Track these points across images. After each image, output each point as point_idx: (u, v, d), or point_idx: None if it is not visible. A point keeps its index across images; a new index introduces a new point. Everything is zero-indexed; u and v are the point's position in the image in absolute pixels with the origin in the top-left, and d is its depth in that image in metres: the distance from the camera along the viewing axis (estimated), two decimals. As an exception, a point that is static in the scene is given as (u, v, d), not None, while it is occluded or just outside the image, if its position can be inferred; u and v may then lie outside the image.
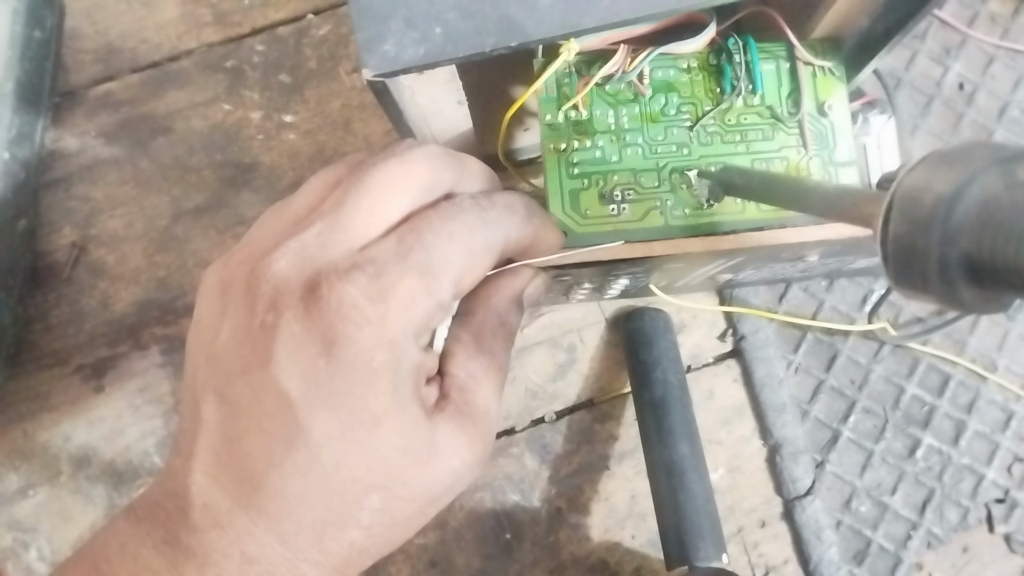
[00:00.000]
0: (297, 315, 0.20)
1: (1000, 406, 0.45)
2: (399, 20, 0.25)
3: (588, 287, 0.38)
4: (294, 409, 0.20)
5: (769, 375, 0.44)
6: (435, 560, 0.43)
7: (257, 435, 0.21)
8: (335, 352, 0.20)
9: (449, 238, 0.22)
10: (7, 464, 0.44)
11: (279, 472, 0.20)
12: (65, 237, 0.46)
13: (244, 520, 0.21)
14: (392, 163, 0.23)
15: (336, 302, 0.20)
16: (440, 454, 0.22)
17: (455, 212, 0.23)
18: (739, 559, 0.43)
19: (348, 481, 0.21)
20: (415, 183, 0.23)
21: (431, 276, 0.21)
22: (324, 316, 0.20)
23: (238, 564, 0.21)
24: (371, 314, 0.20)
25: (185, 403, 0.22)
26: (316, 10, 0.48)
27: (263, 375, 0.20)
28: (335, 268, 0.21)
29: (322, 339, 0.20)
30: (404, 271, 0.21)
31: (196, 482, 0.21)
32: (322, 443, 0.20)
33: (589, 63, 0.32)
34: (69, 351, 0.45)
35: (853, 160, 0.33)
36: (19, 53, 0.43)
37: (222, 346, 0.21)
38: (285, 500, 0.20)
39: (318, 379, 0.20)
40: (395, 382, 0.21)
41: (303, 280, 0.21)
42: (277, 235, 0.22)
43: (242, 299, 0.21)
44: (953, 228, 0.16)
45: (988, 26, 0.48)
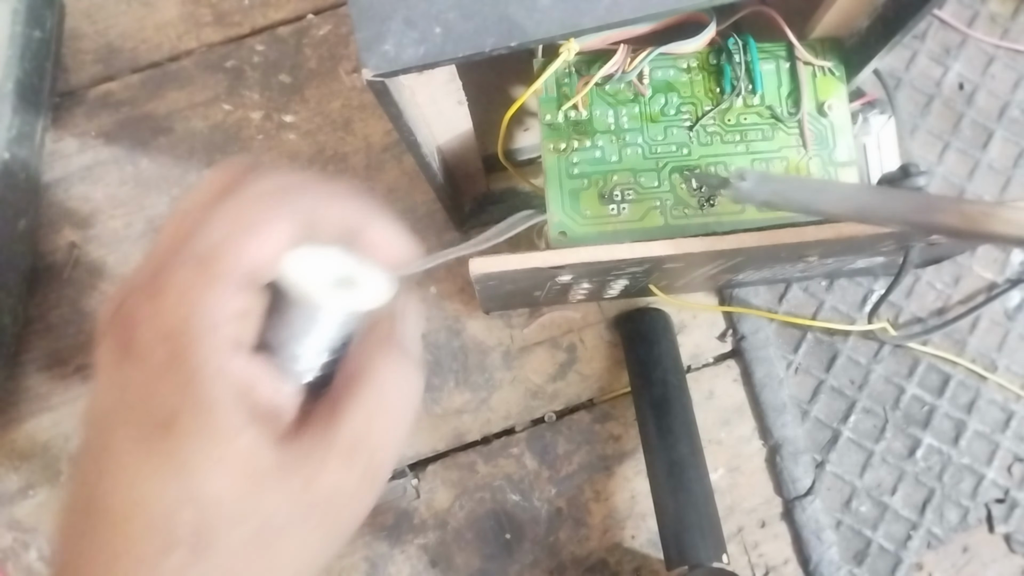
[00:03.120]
0: (104, 331, 0.21)
1: (1000, 406, 0.45)
2: (399, 20, 0.25)
3: (588, 287, 0.38)
4: (102, 422, 0.20)
5: (769, 375, 0.44)
6: (435, 560, 0.43)
7: (87, 460, 0.20)
8: (125, 355, 0.20)
9: (219, 217, 0.21)
10: (7, 464, 0.44)
11: (97, 493, 0.20)
12: (65, 237, 0.46)
13: (81, 558, 0.20)
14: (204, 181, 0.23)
15: (124, 308, 0.20)
16: (270, 474, 0.20)
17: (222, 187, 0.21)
18: (739, 559, 0.43)
19: (153, 495, 0.19)
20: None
21: (206, 263, 0.20)
22: (117, 325, 0.20)
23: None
24: (146, 312, 0.20)
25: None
26: (316, 10, 0.48)
27: (91, 400, 0.21)
28: (133, 286, 0.21)
29: (116, 348, 0.20)
30: (177, 266, 0.20)
31: (59, 529, 0.21)
32: (125, 451, 0.19)
33: (589, 63, 0.32)
34: (69, 351, 0.45)
35: (853, 160, 0.33)
36: (19, 53, 0.43)
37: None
38: (112, 522, 0.19)
39: (117, 386, 0.20)
40: (188, 381, 0.19)
41: (115, 306, 0.21)
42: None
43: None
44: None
45: (988, 26, 0.48)
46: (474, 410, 0.44)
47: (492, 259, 0.29)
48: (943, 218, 0.24)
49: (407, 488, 0.44)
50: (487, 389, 0.45)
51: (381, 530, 0.43)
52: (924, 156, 0.47)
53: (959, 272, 0.46)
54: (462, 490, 0.44)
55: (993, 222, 0.23)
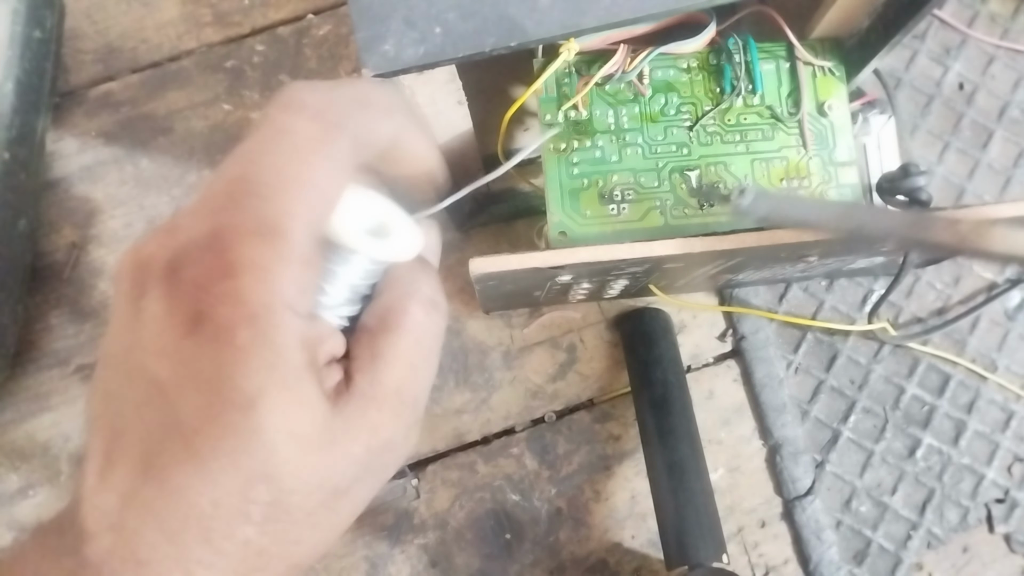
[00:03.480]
0: (159, 295, 0.19)
1: (1000, 406, 0.45)
2: (399, 20, 0.25)
3: (588, 287, 0.38)
4: (165, 393, 0.19)
5: (769, 375, 0.44)
6: (435, 560, 0.43)
7: (136, 425, 0.19)
8: (198, 332, 0.19)
9: (280, 179, 0.20)
10: (7, 464, 0.44)
11: (158, 462, 0.19)
12: (65, 237, 0.46)
13: (134, 519, 0.19)
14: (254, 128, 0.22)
15: (192, 282, 0.19)
16: (338, 441, 0.20)
17: (280, 132, 0.20)
18: (739, 559, 0.43)
19: (228, 470, 0.19)
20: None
21: (277, 236, 0.19)
22: (184, 297, 0.19)
23: (134, 567, 0.19)
24: (224, 291, 0.19)
25: (85, 403, 0.21)
26: (316, 10, 0.48)
27: (133, 360, 0.19)
28: (194, 245, 0.19)
29: (184, 320, 0.19)
30: (247, 240, 0.19)
31: (88, 484, 0.20)
32: (195, 428, 0.19)
33: (589, 63, 0.32)
34: (69, 351, 0.45)
35: (853, 160, 0.33)
36: (19, 53, 0.43)
37: (107, 338, 0.21)
38: (168, 493, 0.19)
39: (184, 360, 0.19)
40: (270, 359, 0.19)
41: (166, 260, 0.20)
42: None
43: (122, 283, 0.20)
44: None
45: (988, 26, 0.48)
46: (474, 410, 0.44)
47: (492, 259, 0.29)
48: (937, 236, 0.25)
49: (407, 488, 0.44)
50: (487, 389, 0.45)
51: (381, 530, 0.43)
52: (924, 156, 0.47)
53: (959, 272, 0.46)
54: (462, 490, 0.44)
55: (986, 240, 0.24)
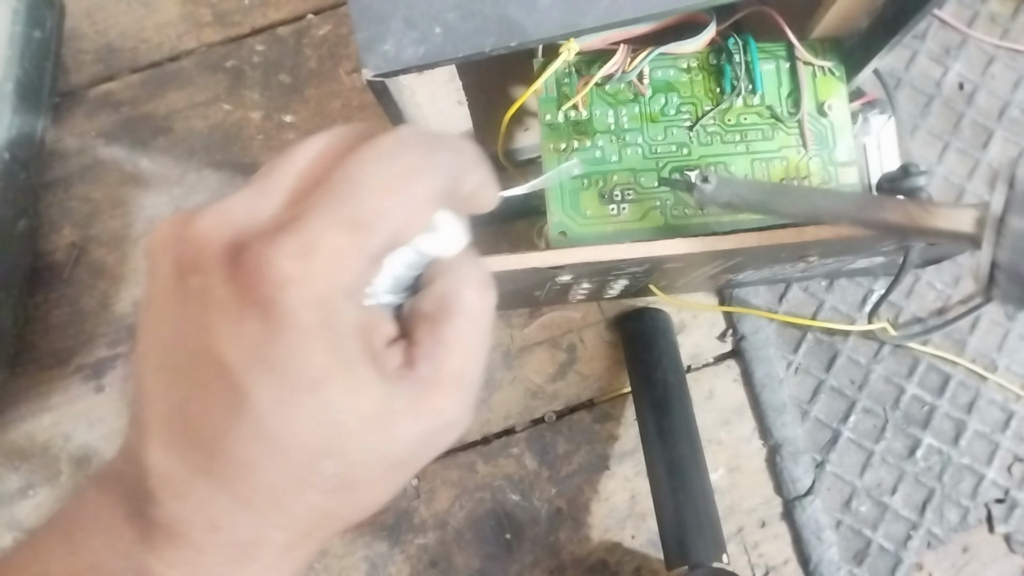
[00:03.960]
0: (222, 279, 0.20)
1: (1000, 406, 0.45)
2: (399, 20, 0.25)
3: (588, 287, 0.38)
4: (232, 375, 0.20)
5: (769, 375, 0.44)
6: (435, 560, 0.43)
7: (201, 402, 0.20)
8: (263, 315, 0.19)
9: (386, 188, 0.20)
10: (7, 464, 0.44)
11: (227, 439, 0.20)
12: (65, 237, 0.46)
13: (204, 487, 0.20)
14: (323, 133, 0.22)
15: (256, 264, 0.19)
16: (400, 420, 0.21)
17: (394, 152, 0.21)
18: (739, 559, 0.43)
19: (297, 446, 0.20)
20: (346, 144, 0.22)
21: (362, 231, 0.20)
22: (250, 280, 0.19)
23: (205, 532, 0.20)
24: (295, 274, 0.19)
25: (132, 376, 0.22)
26: (316, 10, 0.48)
27: (197, 342, 0.20)
28: (258, 229, 0.20)
29: (249, 302, 0.19)
30: (329, 225, 0.20)
31: (151, 453, 0.20)
32: (264, 408, 0.20)
33: (589, 63, 0.32)
34: (69, 351, 0.45)
35: (853, 160, 0.33)
36: (19, 53, 0.43)
37: (154, 313, 0.21)
38: (239, 466, 0.20)
39: (250, 343, 0.19)
40: (333, 342, 0.20)
41: (225, 242, 0.20)
42: (207, 204, 0.22)
43: (169, 264, 0.21)
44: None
45: (988, 26, 0.48)
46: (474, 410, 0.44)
47: (492, 259, 0.29)
48: (888, 216, 0.26)
49: (407, 488, 0.44)
50: (487, 389, 0.45)
51: (381, 530, 0.43)
52: (924, 156, 0.47)
53: (959, 272, 0.46)
54: (462, 490, 0.44)
55: (932, 218, 0.25)
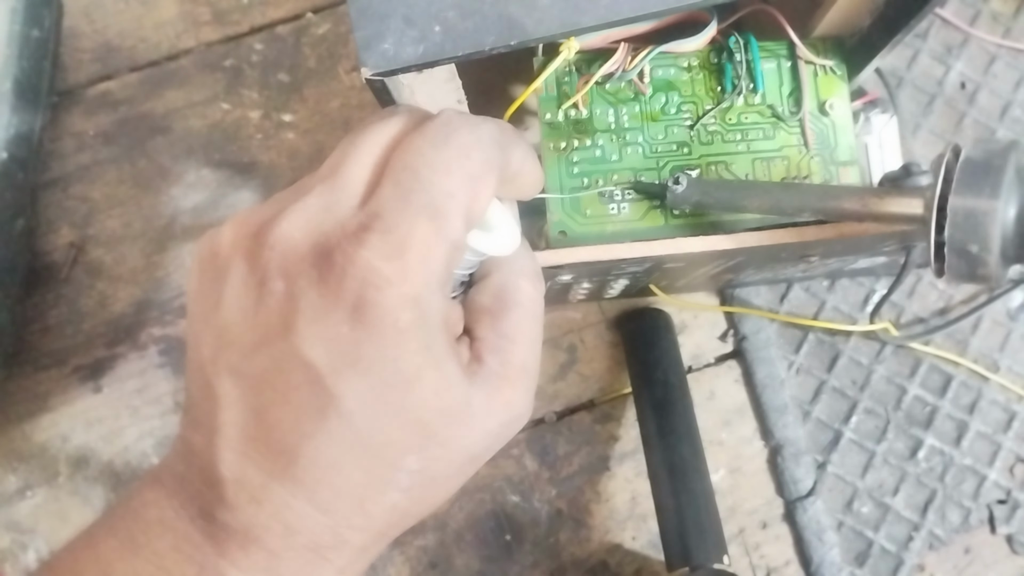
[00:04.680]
0: (312, 282, 0.20)
1: (1002, 407, 0.44)
2: (398, 18, 0.25)
3: (588, 287, 0.38)
4: (321, 378, 0.19)
5: (770, 375, 0.44)
6: (435, 561, 0.43)
7: (283, 407, 0.20)
8: (358, 317, 0.19)
9: (446, 168, 0.20)
10: (5, 465, 0.44)
11: (312, 442, 0.20)
12: (63, 237, 0.46)
13: (281, 492, 0.20)
14: (386, 119, 0.22)
15: (353, 267, 0.19)
16: (476, 415, 0.21)
17: (445, 135, 0.21)
18: (740, 560, 0.43)
19: (383, 445, 0.20)
20: (407, 129, 0.22)
21: (440, 217, 0.20)
22: (342, 282, 0.19)
23: (281, 536, 0.20)
24: (391, 274, 0.19)
25: (193, 380, 0.22)
26: (315, 8, 0.48)
27: (283, 346, 0.20)
28: (343, 230, 0.20)
29: (343, 305, 0.19)
30: (413, 219, 0.20)
31: (224, 459, 0.20)
32: (354, 410, 0.20)
33: (589, 61, 0.32)
34: (67, 351, 0.45)
35: (854, 159, 0.33)
36: (17, 52, 0.43)
37: (227, 318, 0.21)
38: (321, 469, 0.20)
39: (343, 346, 0.19)
40: (426, 340, 0.20)
41: (312, 244, 0.20)
42: (278, 202, 0.21)
43: (245, 268, 0.20)
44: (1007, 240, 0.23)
45: (990, 25, 0.48)
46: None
47: (492, 259, 0.29)
48: (846, 204, 0.27)
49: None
50: (487, 389, 0.44)
51: (380, 531, 0.43)
52: (926, 155, 0.47)
53: (961, 272, 0.46)
54: (462, 491, 0.43)
55: (885, 204, 0.26)
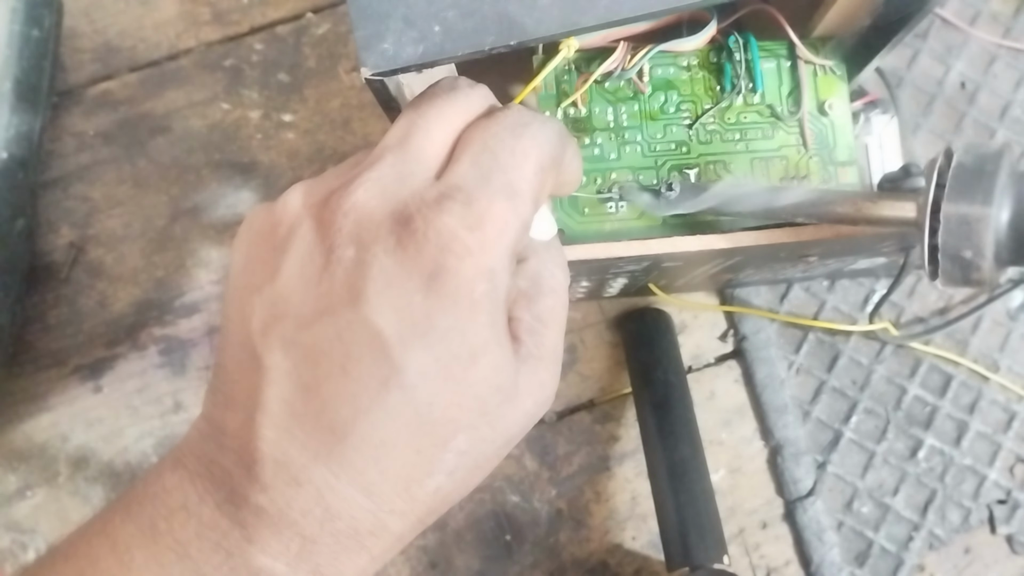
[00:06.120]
0: (388, 248, 0.19)
1: (1002, 407, 0.44)
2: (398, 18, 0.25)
3: (586, 285, 0.38)
4: (387, 348, 0.19)
5: (770, 375, 0.44)
6: (435, 561, 0.43)
7: (341, 380, 0.19)
8: (435, 286, 0.19)
9: (524, 155, 0.21)
10: (5, 465, 0.44)
11: (367, 418, 0.19)
12: (63, 237, 0.46)
13: (325, 474, 0.19)
14: (453, 92, 0.23)
15: (434, 234, 0.19)
16: (520, 394, 0.21)
17: (522, 125, 0.22)
18: (740, 560, 0.43)
19: (440, 422, 0.20)
20: (475, 110, 0.23)
21: (517, 197, 0.20)
22: (422, 249, 0.19)
23: (319, 521, 0.20)
24: (471, 243, 0.19)
25: (231, 355, 0.21)
26: (315, 9, 0.48)
27: (350, 315, 0.19)
28: (423, 198, 0.20)
29: (420, 273, 0.19)
30: (493, 195, 0.20)
31: (265, 437, 0.19)
32: (417, 383, 0.19)
33: (588, 60, 0.32)
34: (67, 351, 0.45)
35: (853, 159, 0.33)
36: (17, 52, 0.43)
37: (285, 288, 0.20)
38: (372, 447, 0.19)
39: (415, 315, 0.19)
40: (494, 314, 0.20)
41: (389, 212, 0.20)
42: (342, 174, 0.21)
43: (313, 235, 0.20)
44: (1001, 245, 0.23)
45: (990, 25, 0.48)
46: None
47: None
48: (838, 209, 0.27)
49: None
50: (487, 389, 0.44)
51: (380, 531, 0.43)
52: (926, 155, 0.46)
53: (961, 272, 0.46)
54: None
55: (878, 208, 0.26)
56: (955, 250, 0.23)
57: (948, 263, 0.23)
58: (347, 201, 0.20)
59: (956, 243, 0.23)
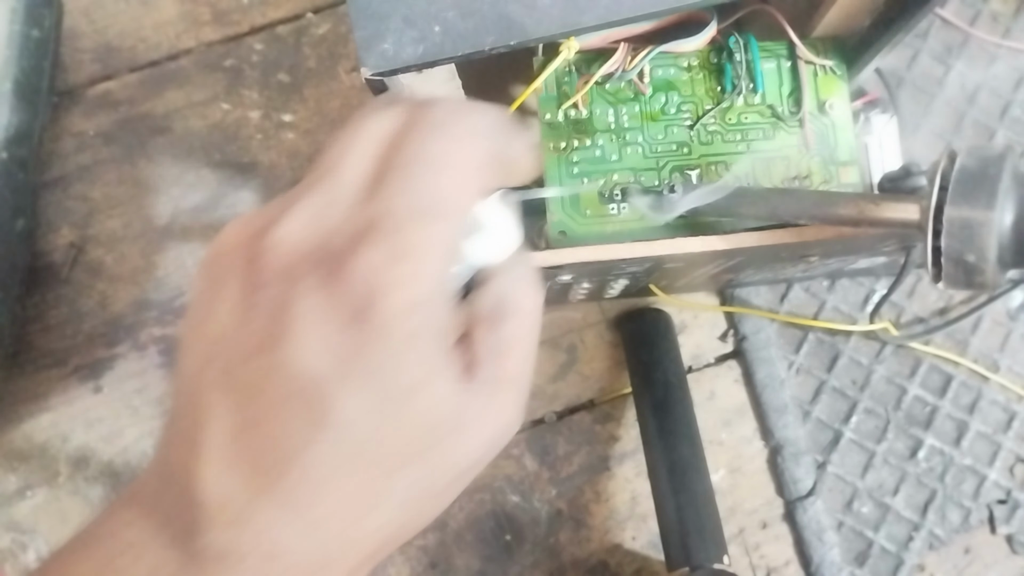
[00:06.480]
0: (313, 286, 0.19)
1: (1002, 407, 0.44)
2: (398, 19, 0.25)
3: (588, 287, 0.38)
4: (318, 387, 0.19)
5: (770, 375, 0.44)
6: (435, 562, 0.43)
7: (276, 419, 0.19)
8: (364, 323, 0.19)
9: (444, 163, 0.20)
10: (5, 465, 0.44)
11: (305, 456, 0.19)
12: (63, 237, 0.46)
13: (268, 511, 0.19)
14: (384, 109, 0.21)
15: (358, 270, 0.19)
16: (471, 424, 0.21)
17: (443, 124, 0.20)
18: (740, 560, 0.43)
19: (381, 457, 0.19)
20: (405, 119, 0.21)
21: (440, 219, 0.19)
22: (347, 286, 0.19)
23: (265, 559, 0.19)
24: (399, 275, 0.19)
25: (180, 392, 0.21)
26: (315, 9, 0.48)
27: (280, 354, 0.19)
28: (346, 232, 0.19)
29: (347, 310, 0.19)
30: (412, 221, 0.19)
31: (207, 476, 0.19)
32: (352, 420, 0.19)
33: (589, 61, 0.32)
34: (67, 351, 0.45)
35: (854, 159, 0.33)
36: (17, 52, 0.43)
37: (222, 327, 0.20)
38: (313, 484, 0.19)
39: (344, 353, 0.19)
40: (429, 347, 0.19)
41: (314, 247, 0.19)
42: (280, 204, 0.21)
43: (242, 273, 0.20)
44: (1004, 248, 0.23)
45: (990, 25, 0.48)
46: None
47: (491, 259, 0.29)
48: (841, 211, 0.27)
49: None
50: (487, 389, 0.44)
51: (380, 531, 0.43)
52: (926, 155, 0.46)
53: (961, 272, 0.46)
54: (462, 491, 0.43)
55: (881, 210, 0.26)
56: (958, 253, 0.23)
57: (951, 266, 0.23)
58: (274, 237, 0.20)
59: (959, 246, 0.23)
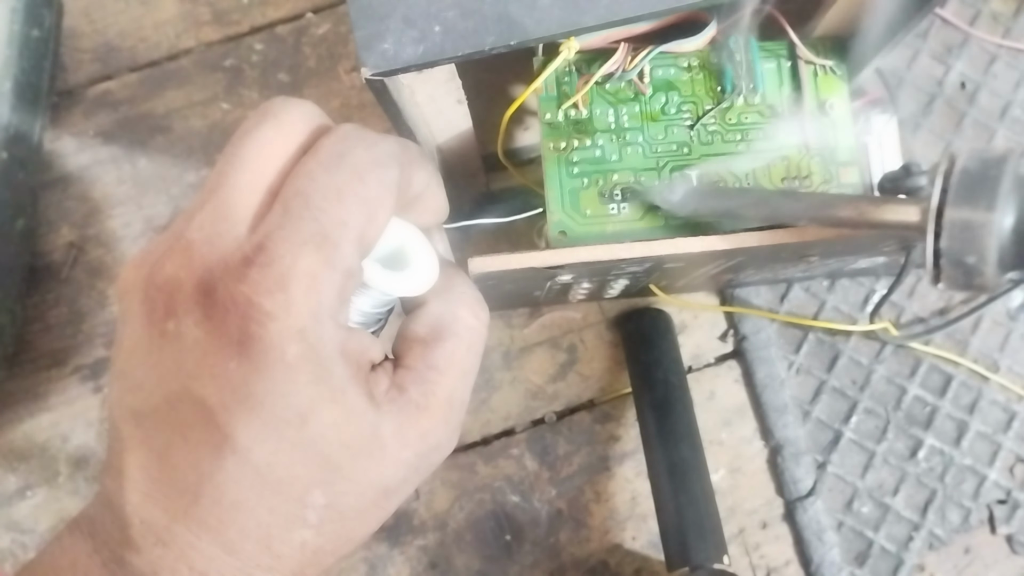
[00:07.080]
0: (197, 320, 0.19)
1: (1002, 407, 0.44)
2: (398, 18, 0.25)
3: (588, 287, 0.38)
4: (214, 416, 0.19)
5: (770, 375, 0.44)
6: (435, 561, 0.43)
7: (182, 447, 0.20)
8: (246, 353, 0.19)
9: (338, 194, 0.20)
10: (5, 465, 0.44)
11: (212, 481, 0.20)
12: (63, 237, 0.46)
13: (186, 534, 0.20)
14: (265, 126, 0.21)
15: (233, 302, 0.19)
16: (387, 446, 0.21)
17: (338, 156, 0.20)
18: (740, 560, 0.43)
19: (286, 480, 0.20)
20: (294, 140, 0.21)
21: (329, 245, 0.19)
22: (227, 318, 0.19)
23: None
24: (272, 307, 0.19)
25: (109, 422, 0.22)
26: (315, 8, 0.48)
27: (175, 385, 0.20)
28: (226, 265, 0.19)
29: (230, 342, 0.19)
30: (298, 249, 0.19)
31: (130, 501, 0.20)
32: (250, 447, 0.19)
33: (589, 61, 0.32)
34: (67, 351, 0.45)
35: (854, 159, 0.33)
36: (17, 52, 0.43)
37: (126, 359, 0.21)
38: (224, 509, 0.20)
39: (233, 383, 0.19)
40: (318, 372, 0.20)
41: (195, 283, 0.19)
42: (167, 238, 0.21)
43: (139, 308, 0.20)
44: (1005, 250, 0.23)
45: (990, 25, 0.48)
46: (474, 411, 0.44)
47: (491, 259, 0.29)
48: (842, 213, 0.27)
49: (407, 489, 0.43)
50: (487, 390, 0.44)
51: (380, 531, 0.43)
52: (926, 155, 0.47)
53: (961, 272, 0.46)
54: (462, 491, 0.43)
55: (881, 212, 0.26)
56: (958, 255, 0.23)
57: (951, 268, 0.23)
58: (160, 275, 0.20)
59: (959, 248, 0.23)
